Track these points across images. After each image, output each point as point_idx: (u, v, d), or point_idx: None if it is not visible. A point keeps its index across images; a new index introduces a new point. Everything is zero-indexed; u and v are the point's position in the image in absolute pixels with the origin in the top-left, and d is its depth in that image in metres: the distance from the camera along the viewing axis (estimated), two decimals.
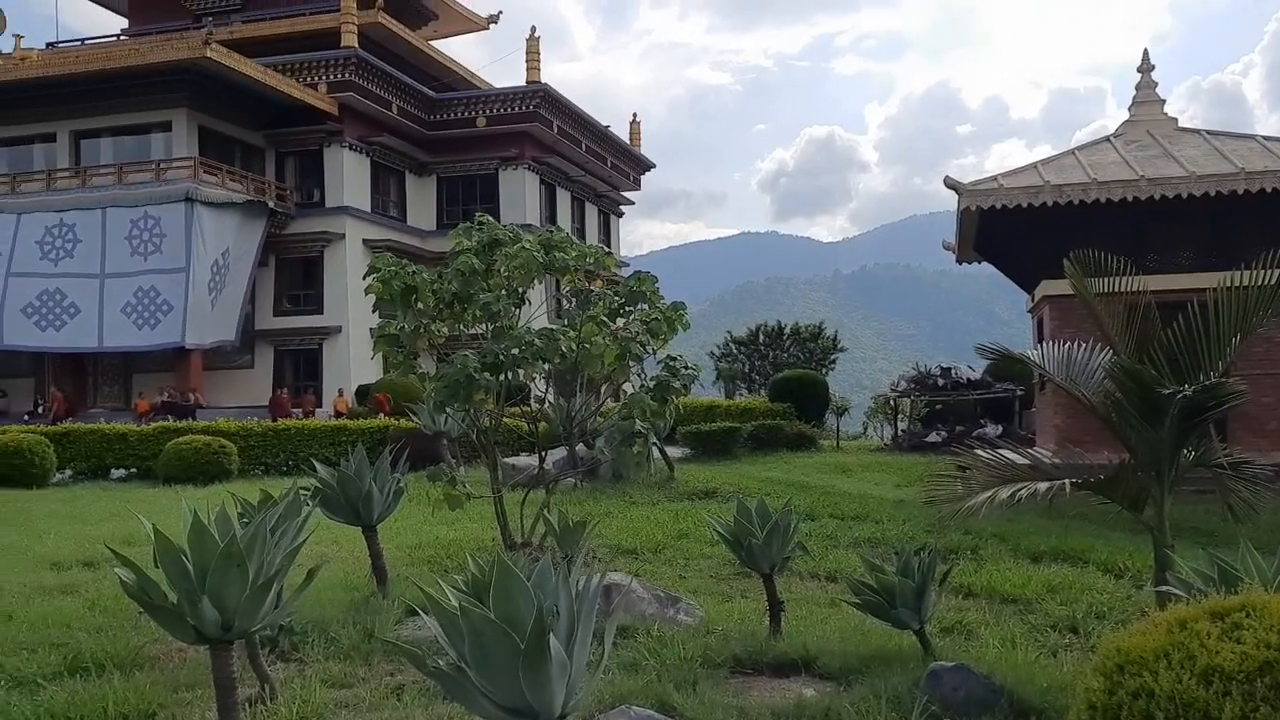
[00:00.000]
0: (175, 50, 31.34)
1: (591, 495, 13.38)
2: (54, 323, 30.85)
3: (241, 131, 35.33)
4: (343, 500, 7.28)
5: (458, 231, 9.85)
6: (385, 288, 9.24)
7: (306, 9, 38.09)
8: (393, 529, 9.69)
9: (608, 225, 48.79)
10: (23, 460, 16.45)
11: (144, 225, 31.18)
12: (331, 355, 34.84)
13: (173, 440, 17.20)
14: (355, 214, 35.88)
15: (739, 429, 19.74)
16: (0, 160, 35.04)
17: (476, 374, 8.78)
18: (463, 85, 42.56)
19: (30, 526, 11.17)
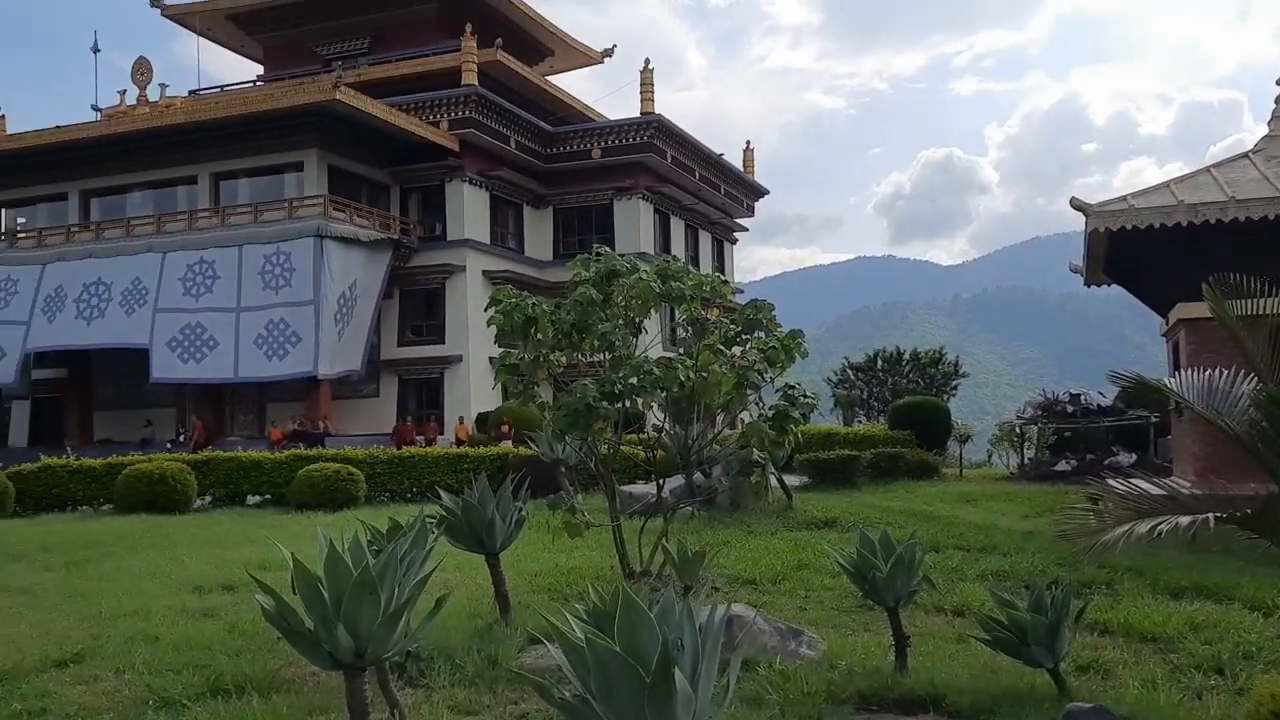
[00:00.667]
0: (307, 94, 32.80)
1: (709, 524, 13.32)
2: (195, 355, 32.42)
3: (368, 169, 36.67)
4: (467, 528, 7.41)
5: (576, 263, 10.00)
6: (506, 319, 9.44)
7: (429, 50, 39.41)
8: (514, 556, 9.83)
9: (721, 252, 48.84)
10: (166, 487, 17.28)
11: (276, 260, 32.59)
12: (452, 384, 35.68)
13: (304, 468, 17.82)
14: (475, 246, 36.78)
15: (858, 457, 19.43)
16: (147, 202, 37.12)
17: (595, 402, 8.89)
18: (578, 118, 43.33)
19: (173, 551, 11.70)
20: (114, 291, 33.63)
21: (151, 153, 35.78)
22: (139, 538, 13.08)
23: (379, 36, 42.58)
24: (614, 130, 39.78)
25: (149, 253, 33.84)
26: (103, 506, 18.27)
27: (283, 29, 43.81)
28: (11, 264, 35.87)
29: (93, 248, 35.01)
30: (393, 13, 41.89)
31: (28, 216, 39.50)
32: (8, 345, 34.55)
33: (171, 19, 44.70)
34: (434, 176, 37.03)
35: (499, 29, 41.20)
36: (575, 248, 39.94)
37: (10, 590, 9.17)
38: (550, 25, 45.89)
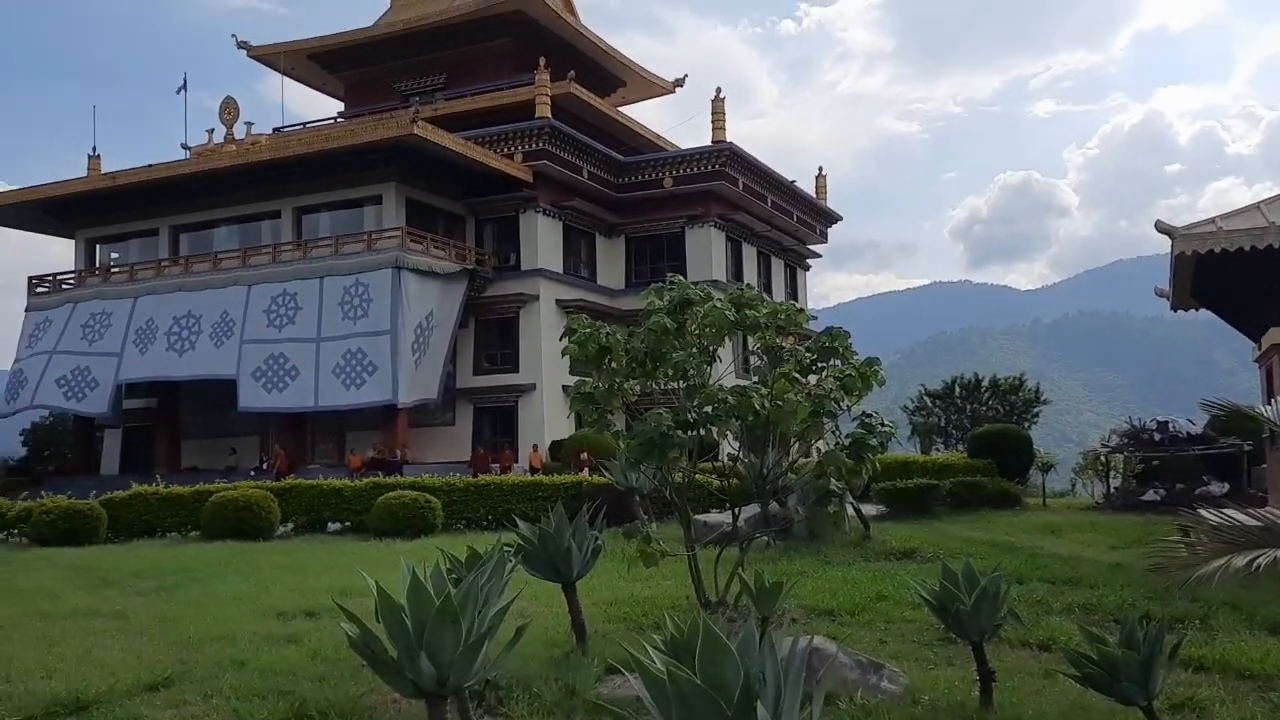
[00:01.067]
0: (386, 129, 33.60)
1: (785, 554, 13.19)
2: (278, 385, 33.23)
3: (444, 201, 37.34)
4: (544, 557, 7.45)
5: (650, 291, 10.04)
6: (581, 349, 9.50)
7: (503, 84, 40.13)
8: (589, 585, 9.84)
9: (794, 279, 48.63)
10: (251, 514, 17.67)
11: (355, 291, 33.33)
12: (526, 412, 35.98)
13: (382, 495, 18.08)
14: (548, 276, 37.17)
15: (937, 486, 19.08)
16: (233, 236, 38.27)
17: (670, 431, 8.88)
18: (649, 148, 43.63)
19: (258, 577, 11.94)
20: (203, 324, 34.72)
21: (237, 189, 36.93)
22: (225, 564, 13.39)
23: (455, 72, 43.52)
24: (685, 159, 39.98)
25: (235, 286, 34.87)
26: (191, 533, 18.73)
27: (362, 67, 45.04)
28: (106, 298, 37.22)
29: (182, 281, 36.17)
30: (468, 49, 42.80)
31: (120, 252, 41.01)
32: (101, 376, 35.80)
33: (257, 59, 46.29)
34: (508, 207, 37.57)
35: (572, 62, 41.79)
36: (647, 276, 40.12)
37: (104, 615, 9.44)
38: (622, 57, 46.41)
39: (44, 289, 39.82)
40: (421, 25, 42.72)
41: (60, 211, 40.18)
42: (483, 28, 42.22)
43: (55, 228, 42.13)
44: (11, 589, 11.03)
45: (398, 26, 43.56)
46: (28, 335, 38.80)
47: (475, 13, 41.82)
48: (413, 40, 43.23)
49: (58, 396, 36.31)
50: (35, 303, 39.48)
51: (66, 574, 12.67)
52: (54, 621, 9.09)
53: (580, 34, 43.85)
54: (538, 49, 40.49)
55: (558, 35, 43.03)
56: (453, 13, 42.44)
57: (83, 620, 9.12)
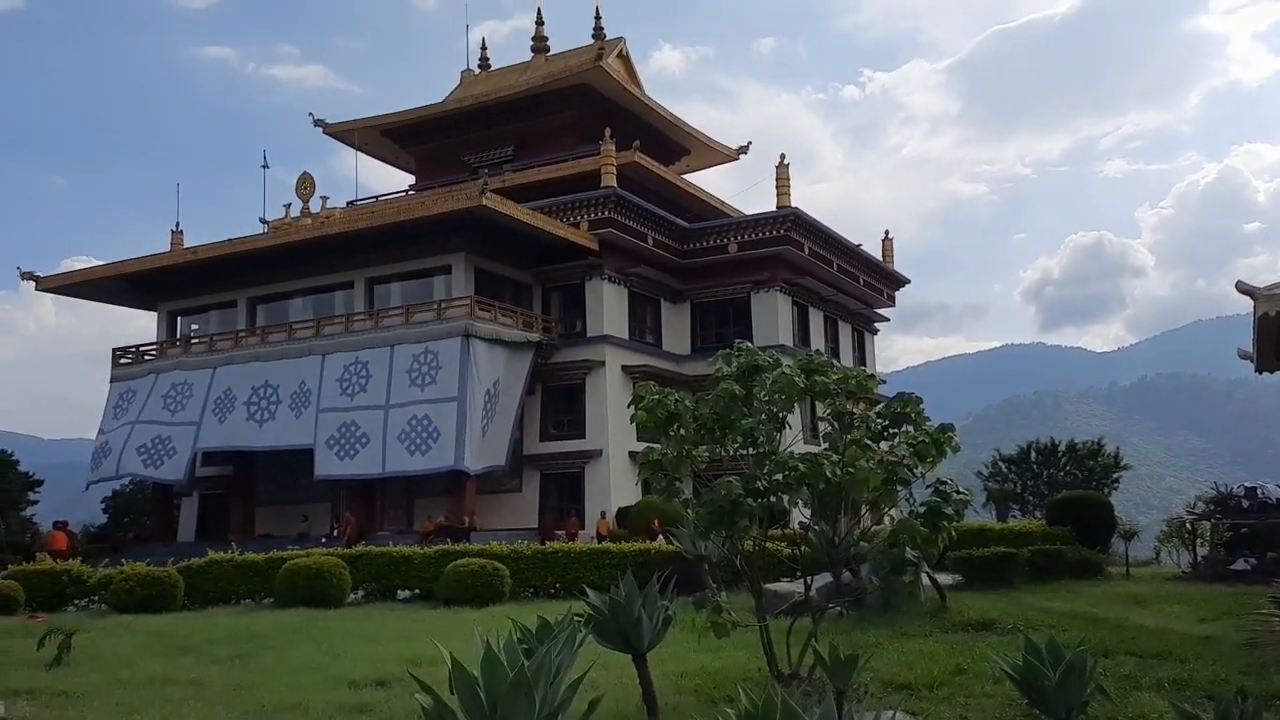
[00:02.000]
0: (456, 201, 34.35)
1: (858, 625, 12.90)
2: (350, 452, 33.73)
3: (512, 270, 37.93)
4: (614, 627, 7.37)
5: (717, 358, 10.03)
6: (649, 416, 9.50)
7: (569, 155, 40.91)
8: (660, 655, 9.71)
9: (862, 343, 48.29)
10: (323, 581, 17.83)
11: (424, 359, 33.85)
12: (593, 478, 35.97)
13: (451, 563, 18.12)
14: (614, 342, 37.40)
15: (1015, 555, 18.58)
16: (307, 307, 39.22)
17: (739, 499, 8.79)
18: (714, 214, 43.97)
19: (330, 644, 12.01)
20: (281, 394, 35.50)
21: (312, 261, 37.94)
22: (298, 631, 13.49)
23: (522, 144, 44.49)
24: (750, 224, 40.18)
25: (310, 355, 35.66)
26: (264, 600, 18.94)
27: (433, 141, 46.29)
28: (186, 368, 38.27)
29: (258, 351, 37.08)
30: (535, 121, 43.79)
31: (200, 323, 42.24)
32: (180, 445, 36.68)
33: (332, 136, 47.83)
34: (574, 275, 38.03)
35: (636, 132, 42.49)
36: (713, 341, 40.16)
37: (180, 682, 9.55)
38: (685, 126, 47.06)
39: (127, 360, 41.09)
40: (490, 100, 43.88)
41: (144, 285, 41.62)
42: (549, 101, 43.22)
43: (139, 301, 43.61)
44: (92, 656, 11.22)
45: (467, 102, 44.79)
46: (112, 406, 39.99)
47: (542, 87, 42.86)
48: (482, 114, 44.38)
49: (138, 464, 37.26)
50: (119, 374, 40.73)
51: (145, 641, 12.87)
52: (132, 689, 9.21)
53: (644, 104, 44.62)
54: (603, 120, 41.26)
55: (622, 106, 43.85)
56: (520, 87, 43.55)
57: (160, 688, 9.23)
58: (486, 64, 50.16)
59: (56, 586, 19.82)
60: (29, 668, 10.47)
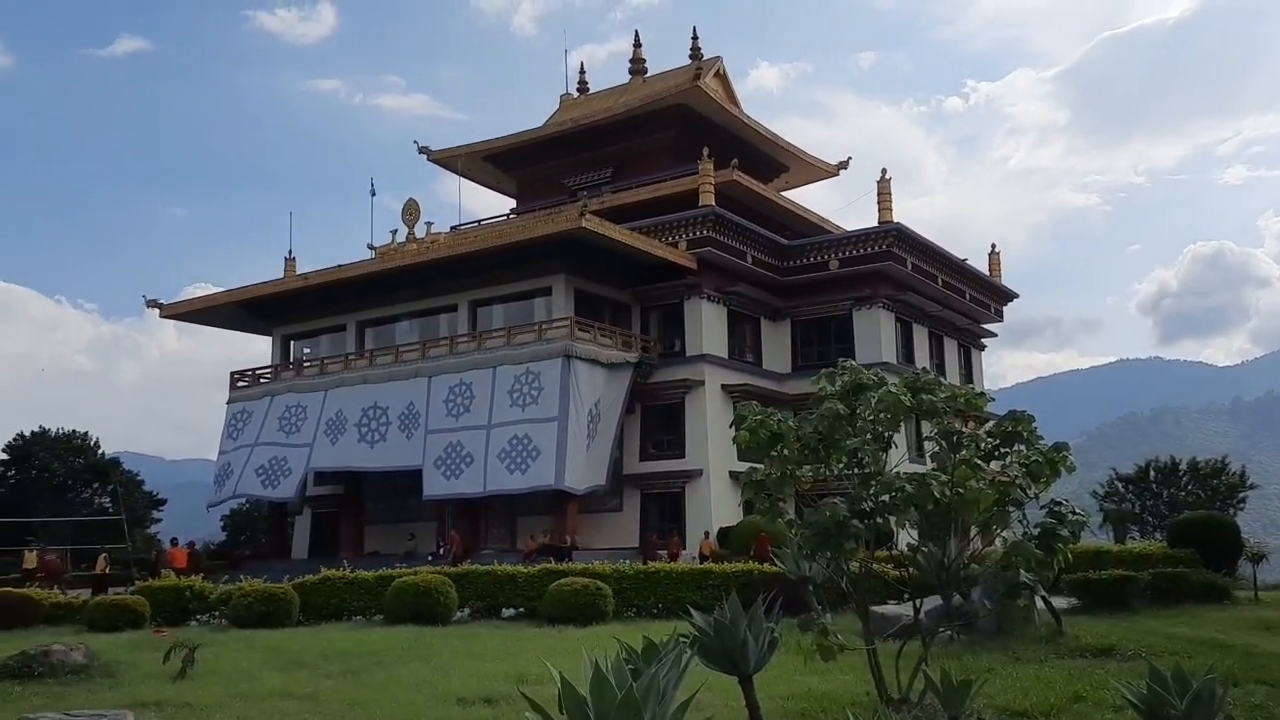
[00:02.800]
0: (555, 224, 34.81)
1: (970, 649, 12.56)
2: (455, 472, 34.35)
3: (611, 290, 38.22)
4: (719, 649, 7.33)
5: (821, 376, 9.90)
6: (752, 436, 9.43)
7: (667, 175, 41.11)
8: (765, 678, 9.60)
9: (968, 359, 47.24)
10: (430, 599, 18.15)
11: (525, 380, 34.29)
12: (694, 498, 35.88)
13: (555, 582, 18.27)
14: (713, 361, 37.32)
15: (1134, 578, 17.89)
16: (413, 330, 40.18)
17: (845, 520, 8.66)
18: (813, 230, 43.63)
19: (437, 662, 12.21)
20: (391, 415, 36.41)
21: (418, 285, 38.87)
22: (407, 648, 13.75)
23: (620, 166, 44.91)
24: (851, 241, 39.73)
25: (417, 378, 36.49)
26: (374, 616, 19.36)
27: (533, 165, 47.06)
28: (299, 391, 39.55)
29: (367, 374, 38.10)
30: (633, 143, 44.16)
31: (312, 347, 43.61)
32: (295, 465, 37.89)
33: (436, 163, 49.03)
34: (673, 295, 38.11)
35: (734, 150, 42.46)
36: (814, 359, 39.77)
37: (297, 696, 9.82)
38: (784, 143, 46.87)
39: (244, 383, 42.63)
40: (589, 123, 44.42)
41: (259, 311, 43.19)
42: (647, 122, 43.53)
43: (255, 326, 45.26)
44: (214, 669, 11.62)
45: (566, 125, 45.41)
46: (229, 426, 41.53)
47: (640, 108, 43.20)
48: (581, 138, 44.96)
49: (256, 485, 38.60)
50: (236, 396, 42.27)
51: (263, 655, 13.28)
52: (252, 702, 9.51)
53: (742, 122, 44.60)
54: (700, 139, 41.39)
55: (720, 125, 43.91)
56: (618, 110, 43.98)
57: (278, 702, 9.51)
58: (585, 87, 50.84)
59: (180, 602, 20.60)
60: (156, 680, 10.90)
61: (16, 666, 11.29)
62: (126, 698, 9.77)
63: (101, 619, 18.88)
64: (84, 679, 11.21)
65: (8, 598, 20.78)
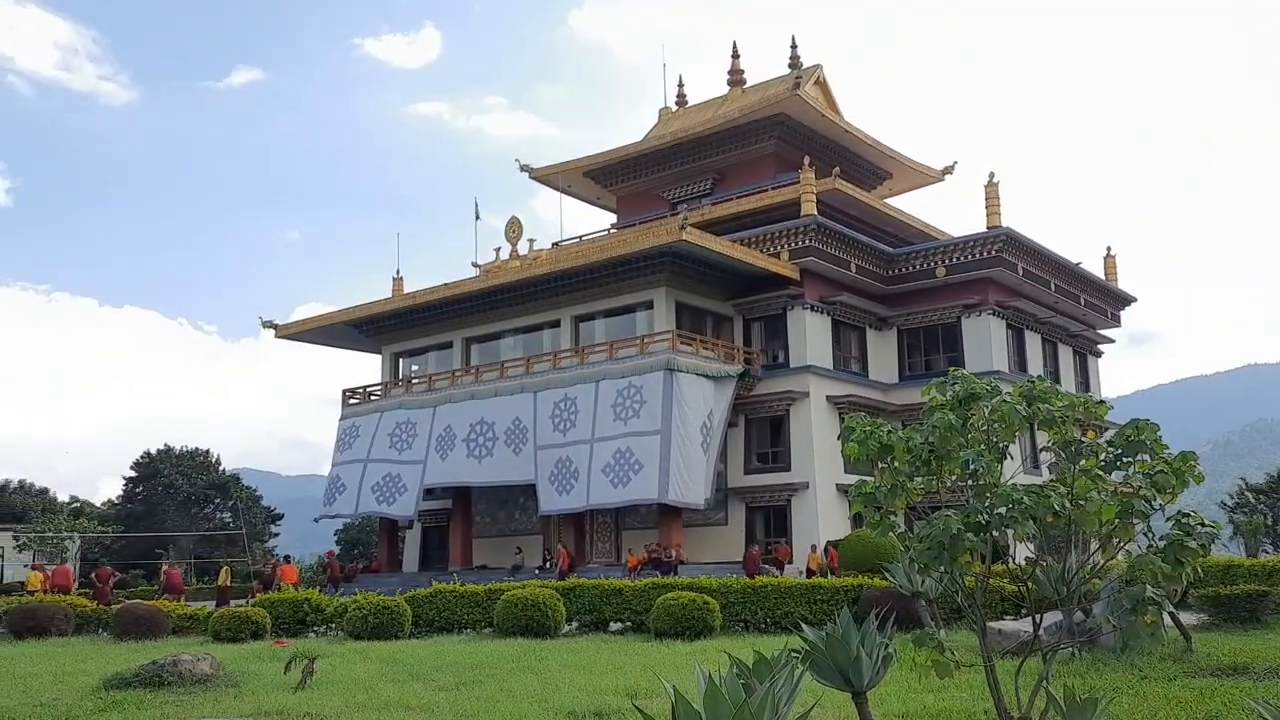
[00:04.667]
0: (656, 237, 34.93)
1: (1093, 667, 12.10)
2: (567, 488, 34.64)
3: (713, 302, 38.16)
4: (831, 664, 7.22)
5: (931, 387, 9.69)
6: (862, 448, 9.27)
7: (768, 185, 40.92)
8: (879, 694, 9.43)
9: (1085, 366, 45.73)
10: (539, 612, 18.33)
11: (627, 394, 34.40)
12: (800, 511, 35.48)
13: (661, 596, 18.26)
14: (818, 372, 36.90)
15: (1269, 593, 17.01)
16: (517, 345, 40.76)
17: (960, 533, 8.43)
18: (919, 237, 42.87)
19: (547, 675, 12.30)
20: (497, 430, 36.97)
21: (521, 301, 39.45)
22: (517, 661, 13.89)
23: (720, 177, 44.90)
24: (958, 246, 38.88)
25: (522, 393, 36.97)
26: (484, 629, 19.64)
27: (633, 179, 47.38)
28: (408, 407, 40.47)
29: (474, 389, 38.77)
30: (733, 153, 44.11)
31: (420, 364, 44.61)
32: (409, 482, 38.77)
33: (537, 180, 49.77)
34: (775, 305, 37.84)
35: (835, 158, 42.05)
36: (921, 369, 39.03)
37: (413, 708, 10.01)
38: (887, 149, 46.19)
39: (355, 400, 43.83)
40: (688, 136, 44.52)
41: (369, 329, 44.39)
42: (746, 133, 43.42)
43: (365, 344, 46.53)
44: (332, 680, 11.93)
45: (666, 139, 45.60)
46: (340, 442, 42.73)
47: (739, 119, 43.11)
48: (680, 150, 45.10)
49: (372, 502, 39.60)
50: (347, 412, 43.48)
51: (378, 667, 13.58)
52: (369, 713, 9.72)
53: (843, 130, 44.14)
54: (801, 148, 41.09)
55: (821, 134, 43.54)
56: (718, 121, 43.97)
57: (395, 713, 9.70)
58: (684, 100, 50.98)
59: (298, 614, 21.23)
60: (278, 690, 11.24)
61: (149, 676, 11.77)
62: (251, 706, 10.09)
63: (225, 630, 19.58)
64: (210, 688, 11.62)
65: (138, 609, 21.71)
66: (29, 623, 21.54)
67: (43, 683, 12.79)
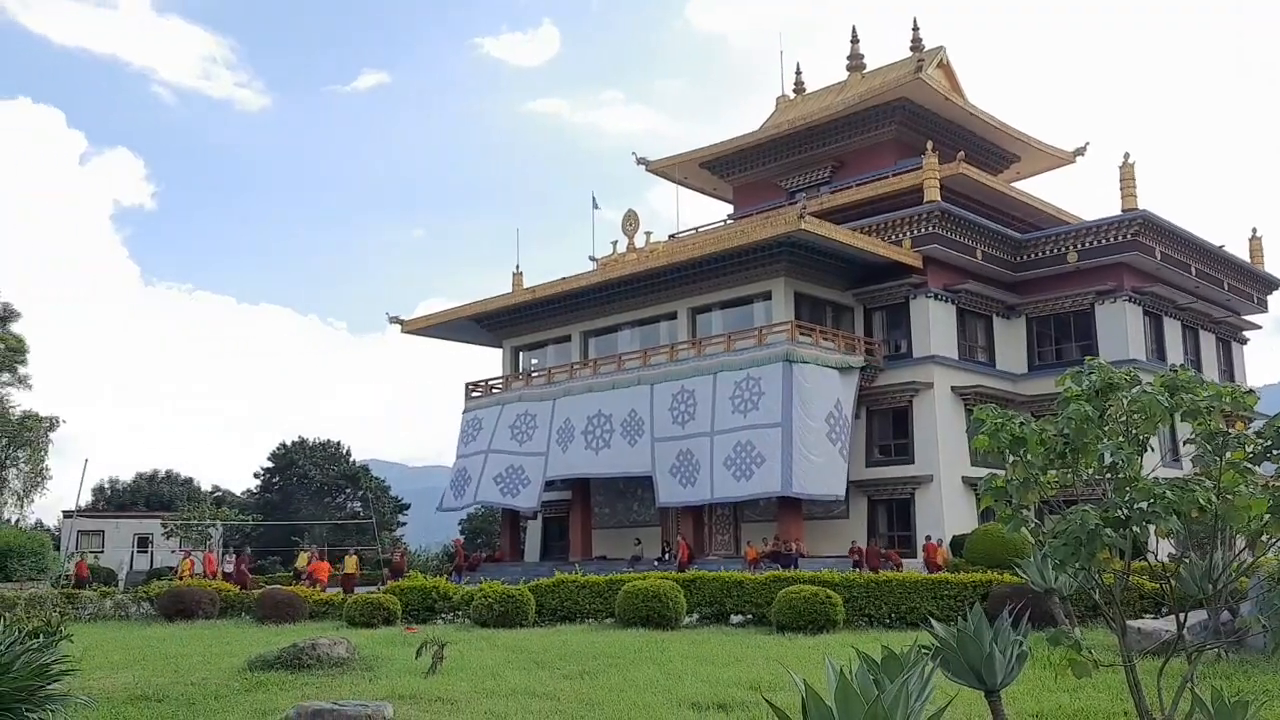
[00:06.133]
0: (774, 227, 34.63)
1: (1240, 669, 11.52)
2: (690, 480, 34.70)
3: (832, 292, 37.63)
4: (962, 661, 7.05)
5: (1066, 377, 9.35)
6: (992, 441, 9.00)
7: (889, 171, 40.10)
8: (1012, 693, 9.17)
9: (1229, 353, 43.51)
10: (660, 604, 18.41)
11: (745, 386, 34.20)
12: (924, 504, 34.75)
13: (783, 589, 18.13)
14: (942, 362, 36.04)
15: None
16: (634, 338, 40.97)
17: (1098, 529, 8.12)
18: (1049, 222, 41.45)
19: (668, 666, 12.34)
20: (614, 423, 37.27)
21: (638, 294, 39.63)
22: (639, 651, 13.99)
23: (839, 164, 44.21)
24: (1091, 231, 37.41)
25: (639, 385, 37.17)
26: (605, 619, 19.83)
27: (749, 169, 47.05)
28: (528, 400, 41.15)
29: (591, 382, 39.16)
30: (852, 140, 43.38)
31: (539, 357, 45.29)
32: (532, 474, 39.45)
33: (654, 173, 49.89)
34: (897, 294, 37.10)
35: (960, 142, 40.97)
36: (1052, 358, 37.73)
37: (539, 695, 10.18)
38: (1014, 131, 44.77)
39: (477, 394, 44.77)
40: (806, 123, 43.96)
41: (489, 323, 45.26)
42: (867, 118, 42.64)
43: (486, 338, 47.46)
44: (461, 666, 12.22)
45: (783, 127, 45.13)
46: (463, 435, 43.73)
47: (859, 105, 42.37)
48: (797, 138, 44.57)
49: (495, 493, 40.43)
50: (469, 405, 44.46)
51: (504, 654, 13.85)
52: (498, 699, 9.92)
53: (968, 113, 42.94)
54: (924, 133, 40.16)
55: (944, 117, 42.46)
56: (836, 108, 43.30)
57: (521, 699, 9.88)
58: (801, 88, 50.37)
59: (426, 601, 21.84)
60: (409, 674, 11.57)
61: (289, 658, 12.27)
62: (385, 690, 10.42)
63: (358, 616, 20.26)
64: (346, 671, 12.04)
65: (277, 594, 22.67)
66: (178, 605, 22.72)
67: (192, 663, 13.46)
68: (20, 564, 35.62)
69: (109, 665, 13.16)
